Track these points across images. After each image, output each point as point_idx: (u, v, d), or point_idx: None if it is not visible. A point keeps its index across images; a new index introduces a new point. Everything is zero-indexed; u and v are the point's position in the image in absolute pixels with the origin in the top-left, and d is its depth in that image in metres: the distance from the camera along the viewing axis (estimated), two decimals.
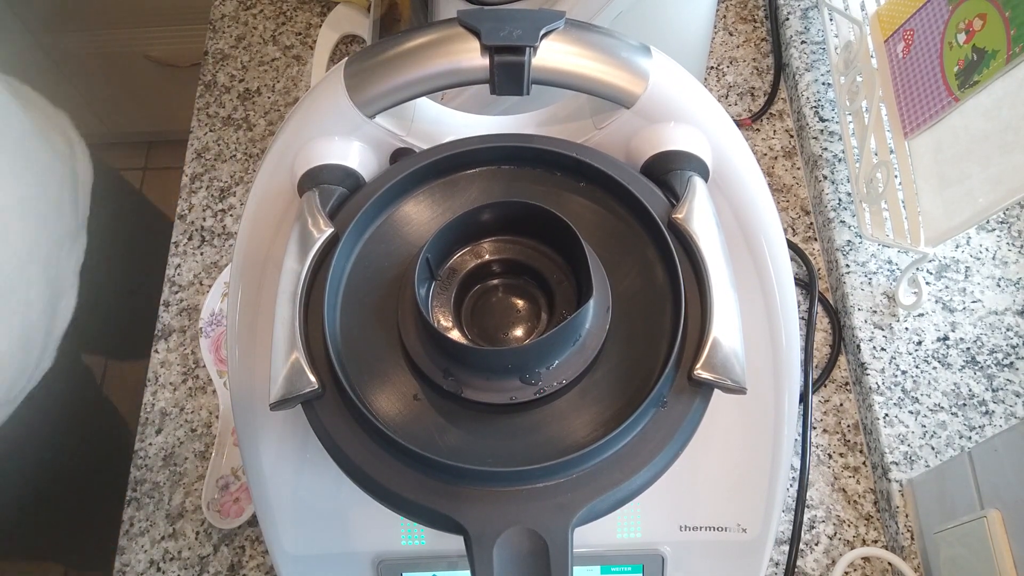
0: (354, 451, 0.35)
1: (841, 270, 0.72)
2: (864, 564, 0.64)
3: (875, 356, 0.68)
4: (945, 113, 0.63)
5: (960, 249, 0.72)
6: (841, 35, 0.80)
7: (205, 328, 0.76)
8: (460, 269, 0.39)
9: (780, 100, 0.85)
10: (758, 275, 0.44)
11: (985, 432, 0.65)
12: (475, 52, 0.39)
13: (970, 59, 0.61)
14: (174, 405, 0.74)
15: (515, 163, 0.42)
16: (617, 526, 0.46)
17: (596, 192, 0.41)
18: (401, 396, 0.36)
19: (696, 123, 0.42)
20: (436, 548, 0.46)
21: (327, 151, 0.42)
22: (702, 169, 0.42)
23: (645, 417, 0.34)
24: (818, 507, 0.66)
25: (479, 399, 0.35)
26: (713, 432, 0.46)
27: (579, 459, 0.33)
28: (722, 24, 0.90)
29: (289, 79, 0.90)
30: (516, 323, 0.39)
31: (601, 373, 0.37)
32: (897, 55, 0.70)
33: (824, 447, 0.69)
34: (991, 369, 0.67)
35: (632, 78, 0.41)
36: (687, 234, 0.38)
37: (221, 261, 0.80)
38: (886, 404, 0.66)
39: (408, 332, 0.37)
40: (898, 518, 0.63)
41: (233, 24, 0.94)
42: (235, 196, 0.84)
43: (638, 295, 0.38)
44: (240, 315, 0.45)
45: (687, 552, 0.47)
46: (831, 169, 0.77)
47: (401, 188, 0.41)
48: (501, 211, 0.39)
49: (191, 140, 0.87)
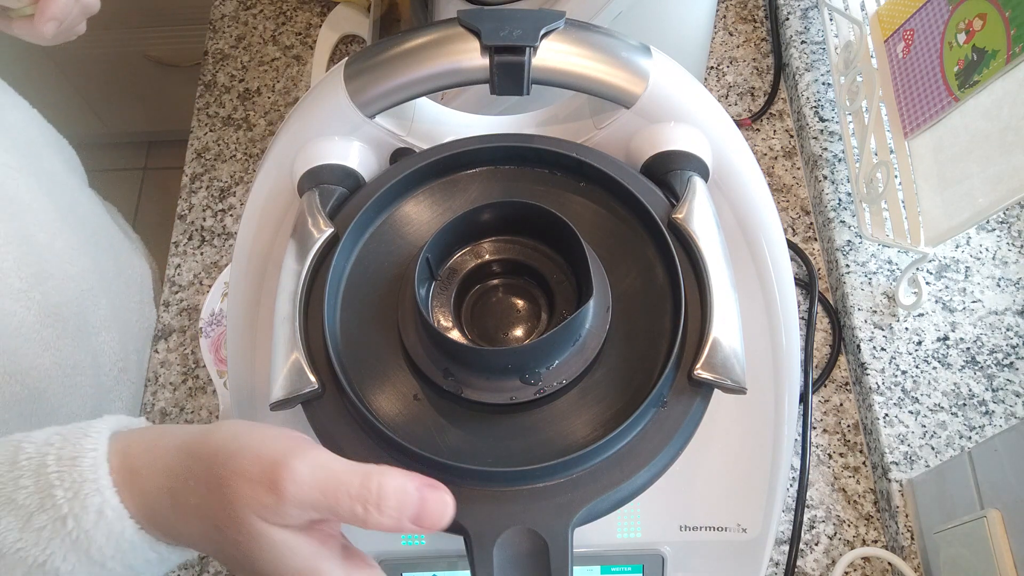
0: (354, 451, 0.35)
1: (841, 270, 0.72)
2: (864, 564, 0.64)
3: (875, 356, 0.68)
4: (945, 113, 0.63)
5: (960, 249, 0.72)
6: (841, 35, 0.80)
7: (205, 328, 0.76)
8: (460, 269, 0.39)
9: (780, 100, 0.85)
10: (758, 275, 0.44)
11: (985, 432, 0.65)
12: (475, 52, 0.39)
13: (970, 59, 0.61)
14: (174, 405, 0.74)
15: (515, 163, 0.42)
16: (617, 526, 0.46)
17: (596, 192, 0.41)
18: (401, 396, 0.36)
19: (696, 123, 0.42)
20: (436, 548, 0.46)
21: (327, 151, 0.42)
22: (702, 169, 0.42)
23: (645, 417, 0.34)
24: (818, 507, 0.66)
25: (479, 399, 0.35)
26: (713, 432, 0.46)
27: (579, 459, 0.33)
28: (722, 24, 0.90)
29: (289, 79, 0.90)
30: (516, 323, 0.39)
31: (601, 373, 0.37)
32: (897, 55, 0.70)
33: (824, 447, 0.69)
34: (991, 369, 0.67)
35: (632, 78, 0.41)
36: (687, 234, 0.38)
37: (221, 261, 0.80)
38: (886, 404, 0.66)
39: (408, 332, 0.37)
40: (898, 518, 0.63)
41: (233, 24, 0.94)
42: (235, 196, 0.84)
43: (638, 295, 0.38)
44: (240, 315, 0.45)
45: (687, 552, 0.47)
46: (831, 169, 0.77)
47: (401, 188, 0.41)
48: (501, 211, 0.39)
49: (191, 140, 0.87)
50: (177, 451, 0.32)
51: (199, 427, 0.34)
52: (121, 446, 0.34)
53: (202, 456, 0.31)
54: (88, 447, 0.33)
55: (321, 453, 0.31)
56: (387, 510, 0.30)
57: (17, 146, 0.63)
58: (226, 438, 0.32)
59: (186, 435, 0.33)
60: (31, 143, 0.66)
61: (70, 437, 0.33)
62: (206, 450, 0.31)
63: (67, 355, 0.63)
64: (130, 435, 0.34)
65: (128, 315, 0.74)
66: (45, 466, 0.32)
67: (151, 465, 0.33)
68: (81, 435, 0.33)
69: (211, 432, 0.33)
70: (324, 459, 0.30)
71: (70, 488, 0.32)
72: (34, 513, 0.32)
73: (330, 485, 0.30)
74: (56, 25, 0.52)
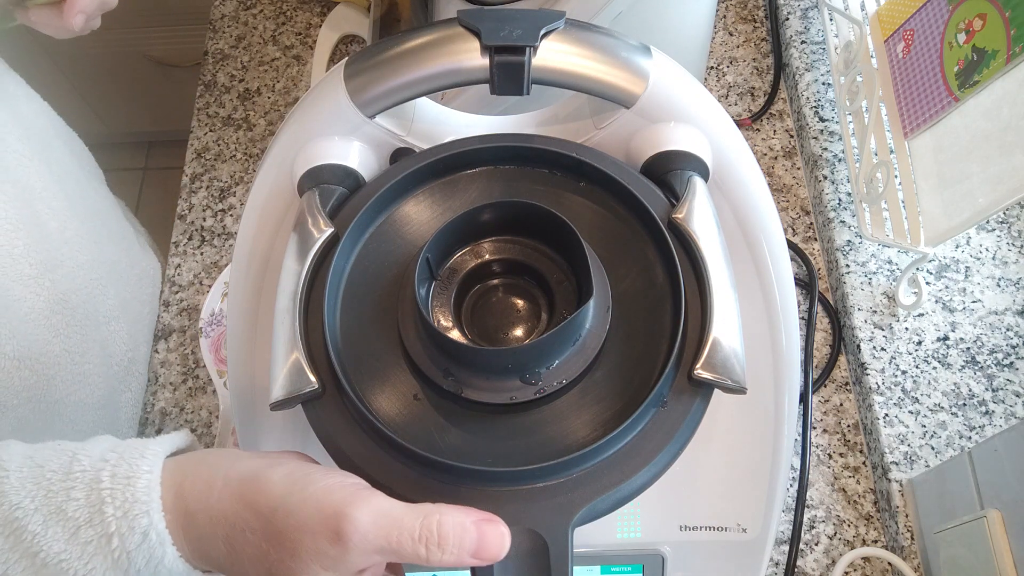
0: (354, 451, 0.35)
1: (841, 270, 0.72)
2: (864, 564, 0.64)
3: (875, 356, 0.68)
4: (945, 113, 0.63)
5: (960, 249, 0.72)
6: (841, 35, 0.80)
7: (205, 328, 0.76)
8: (460, 269, 0.39)
9: (780, 100, 0.85)
10: (758, 275, 0.44)
11: (985, 432, 0.65)
12: (475, 52, 0.39)
13: (970, 59, 0.61)
14: (174, 405, 0.74)
15: (515, 163, 0.42)
16: (617, 526, 0.46)
17: (596, 192, 0.41)
18: (401, 396, 0.36)
19: (696, 123, 0.42)
20: None
21: (327, 151, 0.42)
22: (702, 169, 0.42)
23: (645, 417, 0.34)
24: (818, 507, 0.66)
25: (479, 399, 0.35)
26: (713, 432, 0.46)
27: (579, 459, 0.33)
28: (722, 24, 0.90)
29: (289, 79, 0.90)
30: (516, 323, 0.39)
31: (601, 373, 0.36)
32: (897, 55, 0.70)
33: (824, 447, 0.69)
34: (991, 369, 0.67)
35: (632, 78, 0.41)
36: (687, 234, 0.38)
37: (221, 261, 0.80)
38: (886, 404, 0.66)
39: (408, 332, 0.37)
40: (898, 518, 0.63)
41: (233, 24, 0.94)
42: (235, 196, 0.84)
43: (638, 295, 0.38)
44: (240, 315, 0.45)
45: (687, 552, 0.47)
46: (831, 169, 0.77)
47: (401, 188, 0.41)
48: (501, 211, 0.39)
49: (191, 140, 0.87)
50: (233, 500, 0.33)
51: (251, 468, 0.34)
52: (175, 482, 0.34)
53: (260, 510, 0.32)
54: (144, 468, 0.33)
55: (380, 499, 0.32)
56: (448, 548, 0.30)
57: (30, 136, 0.63)
58: (283, 493, 0.32)
59: (240, 480, 0.33)
60: (43, 134, 0.67)
61: (126, 456, 0.34)
62: (264, 504, 0.32)
63: (76, 343, 0.63)
64: (184, 468, 0.35)
65: (137, 307, 0.74)
66: (99, 481, 0.33)
67: (207, 511, 0.33)
68: (138, 455, 0.34)
69: (266, 481, 0.33)
70: (384, 505, 0.31)
71: (120, 507, 0.32)
72: (82, 527, 0.32)
73: (392, 531, 0.30)
74: (84, 19, 0.53)
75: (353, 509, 0.30)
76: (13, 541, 0.32)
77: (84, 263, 0.65)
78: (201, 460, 0.35)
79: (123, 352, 0.70)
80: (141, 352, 0.74)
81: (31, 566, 0.32)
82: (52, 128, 0.69)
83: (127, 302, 0.72)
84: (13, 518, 0.32)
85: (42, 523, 0.32)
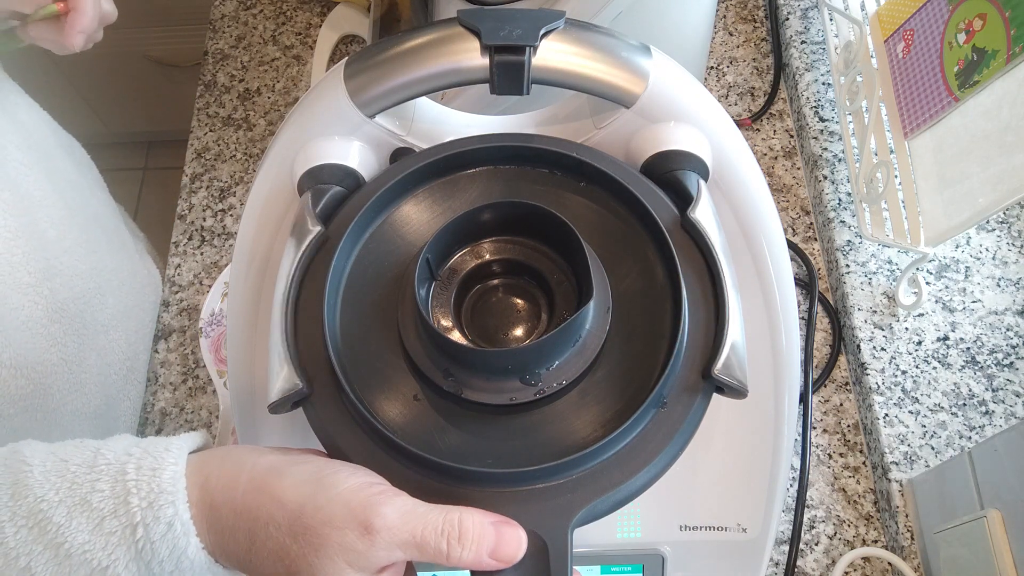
0: (354, 452, 0.35)
1: (841, 270, 0.72)
2: (864, 564, 0.64)
3: (875, 356, 0.68)
4: (945, 113, 0.63)
5: (960, 249, 0.72)
6: (841, 35, 0.80)
7: (205, 328, 0.76)
8: (460, 269, 0.39)
9: (780, 100, 0.85)
10: (758, 275, 0.44)
11: (985, 432, 0.65)
12: (475, 52, 0.39)
13: (970, 59, 0.61)
14: (174, 405, 0.74)
15: (515, 163, 0.42)
16: (617, 526, 0.46)
17: (596, 192, 0.41)
18: (401, 397, 0.36)
19: (696, 123, 0.42)
20: None
21: (327, 151, 0.42)
22: (702, 169, 0.42)
23: (645, 418, 0.34)
24: (818, 507, 0.66)
25: (479, 400, 0.35)
26: (713, 432, 0.46)
27: (579, 460, 0.33)
28: (722, 24, 0.90)
29: (289, 79, 0.90)
30: (516, 323, 0.39)
31: (601, 374, 0.36)
32: (897, 55, 0.70)
33: (824, 447, 0.69)
34: (991, 369, 0.67)
35: (632, 78, 0.41)
36: (702, 233, 0.37)
37: (221, 261, 0.80)
38: (886, 404, 0.66)
39: (408, 333, 0.37)
40: (898, 518, 0.63)
41: (233, 24, 0.94)
42: (235, 196, 0.84)
43: (638, 296, 0.38)
44: (240, 315, 0.45)
45: (687, 552, 0.47)
46: (831, 169, 0.77)
47: (401, 188, 0.41)
48: (501, 211, 0.39)
49: (191, 140, 0.87)
50: (258, 494, 0.33)
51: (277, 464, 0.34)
52: (201, 476, 0.34)
53: (287, 505, 0.33)
54: (169, 461, 0.34)
55: (405, 497, 0.33)
56: (468, 544, 0.31)
57: (30, 145, 0.64)
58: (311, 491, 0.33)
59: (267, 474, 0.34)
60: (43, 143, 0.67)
61: (151, 450, 0.34)
62: (292, 499, 0.33)
63: (73, 352, 0.63)
64: (208, 462, 0.35)
65: (136, 316, 0.74)
66: (124, 473, 0.33)
67: (231, 504, 0.34)
68: (163, 449, 0.35)
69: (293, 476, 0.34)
70: (410, 503, 0.32)
71: (146, 497, 0.33)
72: (106, 517, 0.33)
73: (418, 525, 0.32)
74: (84, 38, 0.54)
75: (380, 505, 0.32)
76: (37, 533, 0.32)
77: (83, 272, 0.65)
78: (226, 455, 0.36)
79: (121, 361, 0.70)
80: (140, 360, 0.74)
81: (54, 557, 0.32)
82: (53, 137, 0.69)
83: (126, 310, 0.72)
84: (38, 510, 0.32)
85: (66, 515, 0.32)
